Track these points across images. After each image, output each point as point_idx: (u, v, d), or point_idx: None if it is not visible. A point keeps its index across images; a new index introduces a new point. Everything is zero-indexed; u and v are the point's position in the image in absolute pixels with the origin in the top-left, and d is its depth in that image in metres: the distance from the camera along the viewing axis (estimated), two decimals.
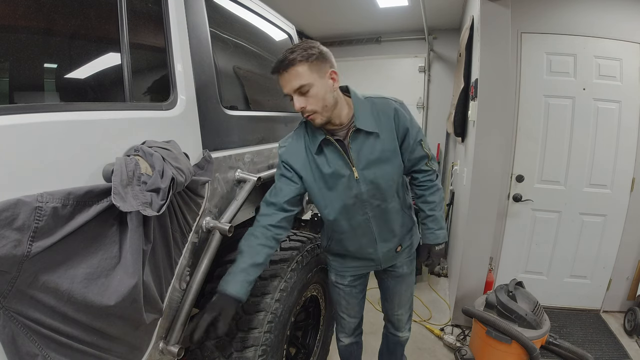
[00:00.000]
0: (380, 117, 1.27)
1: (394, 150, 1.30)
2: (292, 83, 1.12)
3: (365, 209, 1.34)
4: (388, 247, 1.45)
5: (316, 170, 1.29)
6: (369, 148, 1.27)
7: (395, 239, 1.45)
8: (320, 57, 1.14)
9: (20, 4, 0.78)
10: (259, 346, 1.22)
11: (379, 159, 1.28)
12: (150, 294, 0.89)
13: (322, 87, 1.14)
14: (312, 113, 1.16)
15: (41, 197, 0.67)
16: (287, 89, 1.14)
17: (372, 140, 1.26)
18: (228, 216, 1.26)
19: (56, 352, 0.73)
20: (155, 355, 1.08)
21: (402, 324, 1.70)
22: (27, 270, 0.66)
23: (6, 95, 0.86)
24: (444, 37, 4.22)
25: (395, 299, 1.63)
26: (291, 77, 1.12)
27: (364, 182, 1.29)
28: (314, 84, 1.12)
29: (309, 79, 1.11)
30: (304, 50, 1.11)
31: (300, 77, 1.11)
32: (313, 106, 1.14)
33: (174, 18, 1.11)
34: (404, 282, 1.59)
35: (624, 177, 2.60)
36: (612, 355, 2.31)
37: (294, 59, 1.10)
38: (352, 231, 1.38)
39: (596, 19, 2.47)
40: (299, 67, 1.10)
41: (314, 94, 1.13)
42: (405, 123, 1.29)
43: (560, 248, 2.75)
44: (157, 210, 0.81)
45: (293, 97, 1.15)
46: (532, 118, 2.61)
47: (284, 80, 1.14)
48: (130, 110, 0.98)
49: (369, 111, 1.26)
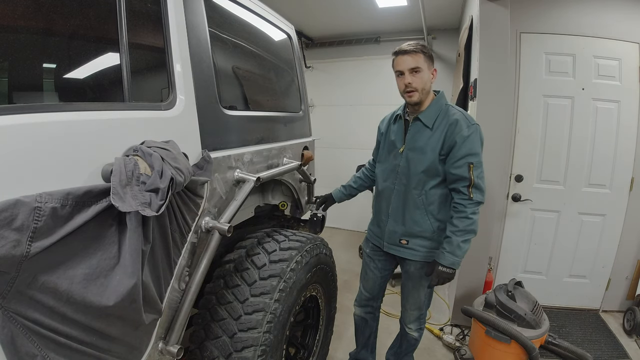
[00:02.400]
0: (441, 119, 1.53)
1: (433, 149, 1.52)
2: (410, 63, 1.48)
3: (395, 180, 1.65)
4: (394, 229, 1.67)
5: (387, 134, 1.72)
6: (419, 136, 1.57)
7: (402, 227, 1.64)
8: (430, 57, 1.53)
9: (20, 4, 0.78)
10: (258, 346, 1.22)
11: (420, 147, 1.56)
12: (150, 294, 0.89)
13: (427, 75, 1.51)
14: (413, 90, 1.50)
15: (40, 197, 0.67)
16: (403, 67, 1.49)
17: (424, 132, 1.55)
18: (227, 216, 1.26)
19: (55, 353, 0.73)
20: (155, 355, 1.07)
21: (407, 317, 1.82)
22: (26, 271, 0.66)
23: (5, 96, 0.86)
24: (443, 37, 4.22)
25: (404, 290, 1.80)
26: (411, 59, 1.47)
27: (404, 158, 1.60)
28: (424, 70, 1.49)
29: (422, 65, 1.48)
30: (424, 47, 1.50)
31: (417, 61, 1.47)
32: (417, 84, 1.49)
33: (173, 18, 1.11)
34: (412, 281, 1.72)
35: (623, 176, 2.60)
36: (611, 355, 2.31)
37: (418, 48, 1.48)
38: (381, 193, 1.73)
39: (595, 19, 2.47)
40: (419, 54, 1.48)
41: (420, 76, 1.49)
42: (457, 137, 1.48)
43: (559, 248, 2.76)
44: (156, 211, 0.81)
45: (405, 74, 1.49)
46: (531, 118, 2.61)
47: (403, 61, 1.49)
48: (129, 110, 0.97)
49: (436, 111, 1.55)
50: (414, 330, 1.83)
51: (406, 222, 1.62)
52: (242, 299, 1.28)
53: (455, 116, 1.51)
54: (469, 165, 1.46)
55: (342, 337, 2.48)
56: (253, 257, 1.40)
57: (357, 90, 4.64)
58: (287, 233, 1.58)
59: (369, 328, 2.00)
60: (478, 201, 1.49)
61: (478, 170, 1.48)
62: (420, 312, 1.79)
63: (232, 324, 1.25)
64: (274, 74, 2.01)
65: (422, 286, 1.70)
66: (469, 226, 1.48)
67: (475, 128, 1.49)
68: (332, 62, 4.78)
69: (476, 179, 1.47)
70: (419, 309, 1.78)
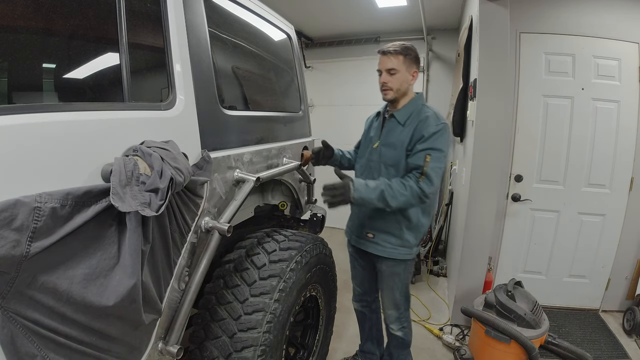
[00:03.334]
0: (413, 117, 1.60)
1: (402, 144, 1.59)
2: (388, 64, 1.56)
3: (367, 175, 1.70)
4: (362, 222, 1.74)
5: (368, 130, 1.81)
6: (392, 132, 1.65)
7: (369, 220, 1.71)
8: (412, 59, 1.59)
9: (19, 4, 0.78)
10: (258, 346, 1.22)
11: (391, 143, 1.63)
12: (149, 295, 0.89)
13: (403, 76, 1.58)
14: (388, 89, 1.59)
15: (40, 197, 0.67)
16: (382, 67, 1.59)
17: (397, 128, 1.63)
18: (227, 216, 1.26)
19: (55, 353, 0.73)
20: (155, 355, 1.07)
21: (387, 317, 1.86)
22: (26, 271, 0.66)
23: (5, 96, 0.86)
24: (442, 37, 4.22)
25: (380, 290, 1.87)
26: (389, 60, 1.56)
27: (377, 153, 1.67)
28: (401, 72, 1.57)
29: (400, 67, 1.56)
30: (406, 49, 1.56)
31: (394, 63, 1.55)
32: (392, 84, 1.58)
33: (173, 18, 1.11)
34: (385, 280, 1.78)
35: (622, 176, 2.60)
36: (611, 355, 2.31)
37: (396, 49, 1.55)
38: None
39: (595, 18, 2.47)
40: (399, 56, 1.55)
41: (396, 77, 1.57)
42: (424, 132, 1.52)
43: (559, 248, 2.76)
44: (155, 211, 0.81)
45: (382, 73, 1.59)
46: (530, 118, 2.62)
47: (382, 61, 1.59)
48: (129, 110, 0.97)
49: (411, 110, 1.62)
50: (397, 330, 1.86)
51: (374, 217, 1.68)
52: (242, 299, 1.28)
53: (427, 114, 1.57)
54: (426, 155, 1.49)
55: (342, 337, 2.48)
56: (253, 257, 1.40)
57: (356, 90, 4.64)
58: (286, 233, 1.58)
59: (368, 321, 2.06)
60: (423, 190, 1.48)
61: (435, 163, 1.49)
62: (399, 312, 1.82)
63: (231, 324, 1.25)
64: (273, 74, 2.01)
65: (395, 285, 1.75)
66: (397, 195, 1.46)
67: (443, 126, 1.54)
68: (331, 62, 4.78)
69: (429, 170, 1.48)
70: (397, 308, 1.81)
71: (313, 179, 2.11)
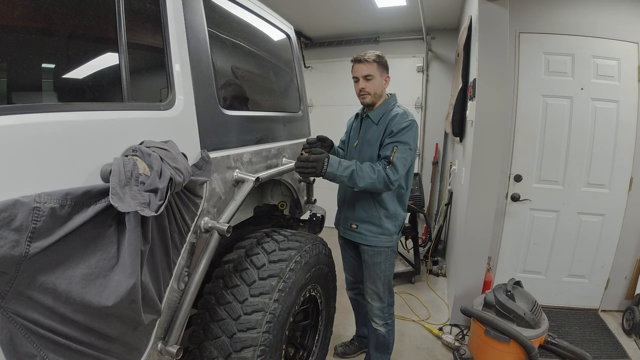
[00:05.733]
0: (385, 115, 1.74)
1: (376, 141, 1.73)
2: (364, 71, 1.69)
3: None
4: (347, 214, 1.87)
5: (349, 131, 1.97)
6: (368, 131, 1.79)
7: (353, 213, 1.83)
8: (384, 65, 1.74)
9: (18, 4, 0.78)
10: (257, 346, 1.22)
11: (367, 140, 1.78)
12: (149, 295, 0.89)
13: (379, 81, 1.73)
14: (366, 93, 1.73)
15: (39, 197, 0.67)
16: (358, 74, 1.72)
17: (371, 127, 1.78)
18: (226, 216, 1.26)
19: (54, 353, 0.73)
20: (154, 355, 1.07)
21: (370, 310, 1.92)
22: (25, 271, 0.66)
23: (4, 96, 0.86)
24: (442, 37, 4.22)
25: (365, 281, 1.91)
26: (365, 67, 1.69)
27: (357, 151, 1.82)
28: (376, 77, 1.71)
29: (375, 73, 1.70)
30: (378, 57, 1.71)
31: (370, 69, 1.69)
32: (369, 89, 1.72)
33: (172, 18, 1.11)
34: (368, 269, 1.87)
35: (622, 176, 2.60)
36: (610, 355, 2.31)
37: (371, 57, 1.69)
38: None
39: (594, 18, 2.47)
40: (373, 64, 1.69)
41: (373, 82, 1.71)
42: (394, 127, 1.66)
43: (558, 247, 2.76)
44: (155, 211, 0.81)
45: (359, 80, 1.72)
46: (530, 118, 2.62)
47: (358, 68, 1.71)
48: (128, 110, 0.97)
49: (384, 110, 1.76)
50: (380, 326, 1.91)
51: (356, 209, 1.81)
52: (242, 299, 1.28)
53: (397, 112, 1.71)
54: (394, 147, 1.62)
55: (342, 337, 2.48)
56: (252, 257, 1.40)
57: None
58: (286, 233, 1.58)
59: (362, 307, 2.16)
60: (388, 176, 1.59)
61: (400, 154, 1.62)
62: (382, 305, 1.88)
63: (231, 324, 1.25)
64: (273, 74, 2.01)
65: (377, 275, 1.83)
66: (365, 177, 1.57)
67: (410, 122, 1.67)
68: (331, 62, 4.78)
69: (395, 159, 1.61)
70: (380, 301, 1.87)
71: (312, 179, 2.11)
